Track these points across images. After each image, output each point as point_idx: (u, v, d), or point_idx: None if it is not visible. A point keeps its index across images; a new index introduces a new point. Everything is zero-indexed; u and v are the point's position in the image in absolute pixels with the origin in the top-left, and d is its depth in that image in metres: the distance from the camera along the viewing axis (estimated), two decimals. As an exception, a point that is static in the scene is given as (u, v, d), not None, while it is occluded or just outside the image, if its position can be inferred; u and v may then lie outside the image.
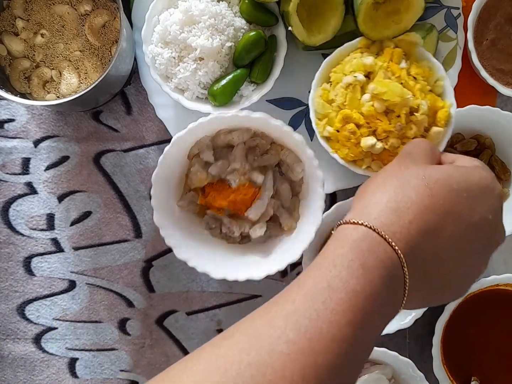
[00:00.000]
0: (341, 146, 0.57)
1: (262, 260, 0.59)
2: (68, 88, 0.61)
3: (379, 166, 0.56)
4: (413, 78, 0.55)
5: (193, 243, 0.59)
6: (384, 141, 0.55)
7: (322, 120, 0.58)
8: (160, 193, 0.57)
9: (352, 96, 0.55)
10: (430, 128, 0.56)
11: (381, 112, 0.54)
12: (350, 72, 0.56)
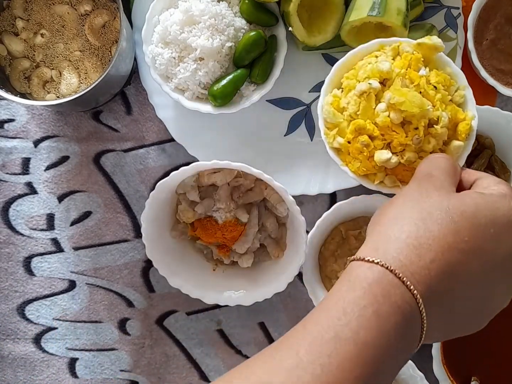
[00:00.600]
0: (352, 159, 0.52)
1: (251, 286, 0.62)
2: (68, 88, 0.61)
3: (393, 182, 0.52)
4: (433, 87, 0.50)
5: (185, 270, 0.62)
6: (399, 155, 0.50)
7: (332, 129, 0.53)
8: (151, 229, 0.59)
9: (366, 105, 0.50)
10: (450, 142, 0.51)
11: (397, 123, 0.49)
12: (364, 78, 0.51)
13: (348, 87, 0.52)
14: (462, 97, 0.52)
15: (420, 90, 0.50)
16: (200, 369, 0.67)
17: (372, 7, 0.57)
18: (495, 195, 0.40)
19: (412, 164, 0.50)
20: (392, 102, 0.48)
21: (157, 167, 0.67)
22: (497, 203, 0.39)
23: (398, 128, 0.49)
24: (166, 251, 0.61)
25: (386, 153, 0.50)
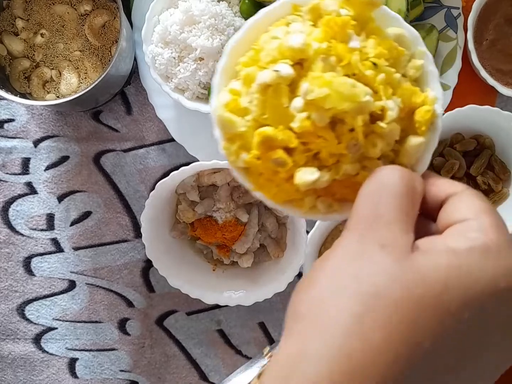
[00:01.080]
0: (266, 182, 0.36)
1: (251, 286, 0.61)
2: (68, 88, 0.61)
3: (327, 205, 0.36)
4: (372, 64, 0.34)
5: (185, 270, 0.61)
6: (333, 169, 0.34)
7: (233, 142, 0.36)
8: (151, 229, 0.59)
9: (275, 103, 0.34)
10: (406, 139, 0.35)
11: (323, 126, 0.33)
12: (269, 62, 0.34)
13: (248, 78, 0.35)
14: (418, 70, 0.36)
15: (352, 72, 0.34)
16: (200, 369, 0.67)
17: (372, 7, 0.56)
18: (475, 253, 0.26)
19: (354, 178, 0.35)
20: (310, 97, 0.32)
21: (157, 167, 0.67)
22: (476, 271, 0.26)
23: (326, 132, 0.34)
24: (166, 251, 0.61)
25: (310, 172, 0.34)
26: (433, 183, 0.32)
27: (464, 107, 0.60)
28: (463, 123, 0.62)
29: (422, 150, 0.35)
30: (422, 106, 0.35)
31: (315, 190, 0.35)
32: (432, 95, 0.35)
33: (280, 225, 0.63)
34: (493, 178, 0.63)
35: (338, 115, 0.33)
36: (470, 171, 0.63)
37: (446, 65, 0.63)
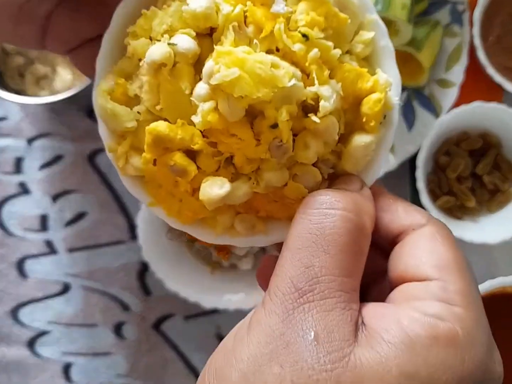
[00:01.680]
0: (166, 194, 0.28)
1: (250, 289, 0.59)
2: (63, 85, 0.60)
3: (249, 225, 0.28)
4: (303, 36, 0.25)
5: (183, 273, 0.60)
6: (252, 178, 0.27)
7: (121, 141, 0.29)
8: (148, 230, 0.58)
9: (171, 89, 0.25)
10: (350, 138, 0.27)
11: (237, 120, 0.25)
12: (163, 32, 0.26)
13: (136, 55, 0.27)
14: (368, 45, 0.28)
15: (274, 45, 0.25)
16: (198, 374, 0.65)
17: (376, 2, 0.56)
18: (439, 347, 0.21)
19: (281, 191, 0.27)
20: (217, 80, 0.23)
21: (154, 166, 0.66)
22: (437, 375, 0.20)
23: (241, 130, 0.25)
24: (163, 253, 0.61)
25: (219, 185, 0.26)
26: (386, 208, 0.26)
27: (470, 104, 0.59)
28: (469, 120, 0.61)
29: (372, 152, 0.27)
30: (371, 94, 0.26)
31: (231, 206, 0.27)
32: (383, 79, 0.26)
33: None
34: (500, 177, 0.62)
35: (256, 105, 0.24)
36: (476, 170, 0.62)
37: (452, 62, 0.62)
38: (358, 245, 0.24)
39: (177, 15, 0.25)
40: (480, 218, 0.63)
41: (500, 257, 0.64)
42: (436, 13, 0.63)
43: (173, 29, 0.26)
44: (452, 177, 0.61)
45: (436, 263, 0.23)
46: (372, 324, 0.22)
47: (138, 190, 0.29)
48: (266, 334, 0.22)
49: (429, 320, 0.21)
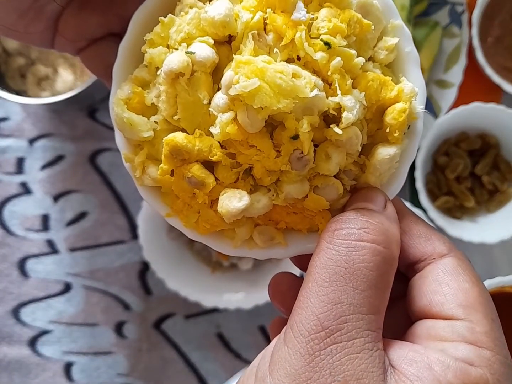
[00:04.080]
0: (184, 205, 0.28)
1: (251, 288, 0.59)
2: (64, 86, 0.60)
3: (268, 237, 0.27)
4: (325, 44, 0.24)
5: (183, 273, 0.60)
6: (272, 190, 0.26)
7: (139, 150, 0.27)
8: (148, 230, 0.58)
9: (189, 99, 0.25)
10: (374, 149, 0.26)
11: (256, 132, 0.24)
12: (181, 41, 0.25)
13: (154, 63, 0.26)
14: (392, 52, 0.26)
15: (295, 55, 0.24)
16: (198, 373, 0.66)
17: (375, 3, 0.56)
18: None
19: (301, 203, 0.26)
20: (234, 92, 0.23)
21: (155, 167, 0.66)
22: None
23: (261, 141, 0.24)
24: (163, 253, 0.60)
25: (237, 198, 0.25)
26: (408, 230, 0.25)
27: (469, 105, 0.59)
28: (468, 121, 0.61)
29: (396, 164, 0.26)
30: (396, 103, 0.25)
31: (250, 218, 0.26)
32: (409, 88, 0.25)
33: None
34: (499, 177, 0.62)
35: (276, 116, 0.23)
36: (475, 171, 0.62)
37: (451, 62, 0.62)
38: (386, 279, 0.23)
39: (195, 22, 0.24)
40: (479, 218, 0.63)
41: (499, 256, 0.64)
42: (435, 14, 0.63)
43: (191, 37, 0.25)
44: (451, 177, 0.61)
45: (462, 302, 0.23)
46: (402, 369, 0.21)
47: (155, 200, 0.27)
48: (291, 377, 0.20)
49: (460, 366, 0.21)
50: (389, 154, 0.25)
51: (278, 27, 0.24)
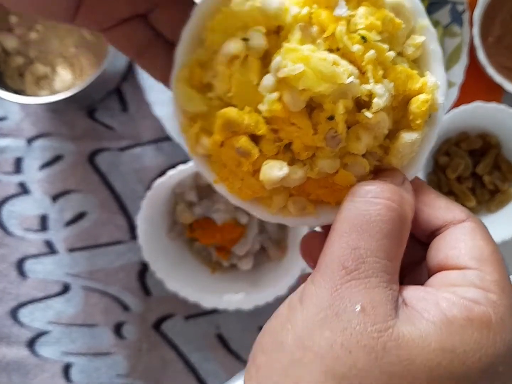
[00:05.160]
0: (230, 173, 0.31)
1: (251, 289, 0.60)
2: (63, 85, 0.60)
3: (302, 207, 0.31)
4: (362, 38, 0.28)
5: (183, 273, 0.60)
6: (307, 164, 0.29)
7: (193, 123, 0.31)
8: (148, 230, 0.58)
9: (242, 80, 0.28)
10: (398, 134, 0.30)
11: (298, 111, 0.28)
12: (238, 29, 0.29)
13: (213, 47, 0.30)
14: (419, 49, 0.30)
15: (336, 45, 0.28)
16: (198, 374, 0.66)
17: (376, 2, 0.56)
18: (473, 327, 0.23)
19: (331, 177, 0.30)
20: (283, 74, 0.27)
21: (154, 166, 0.66)
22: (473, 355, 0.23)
23: (301, 119, 0.28)
24: (163, 253, 0.60)
25: (278, 167, 0.29)
26: (428, 202, 0.28)
27: (470, 104, 0.60)
28: (469, 121, 0.61)
29: (417, 149, 0.30)
30: (419, 94, 0.29)
31: (286, 188, 0.30)
32: (432, 81, 0.29)
33: (281, 226, 0.61)
34: (500, 177, 0.62)
35: (316, 98, 0.27)
36: (476, 171, 0.62)
37: (452, 62, 0.62)
38: (400, 233, 0.26)
39: (251, 14, 0.28)
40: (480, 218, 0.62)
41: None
42: (436, 13, 0.63)
43: (246, 26, 0.29)
44: (452, 177, 0.61)
45: (475, 255, 0.26)
46: (413, 304, 0.24)
47: (205, 168, 0.31)
48: (317, 304, 0.24)
49: (465, 303, 0.24)
50: (411, 139, 0.29)
51: (322, 21, 0.28)
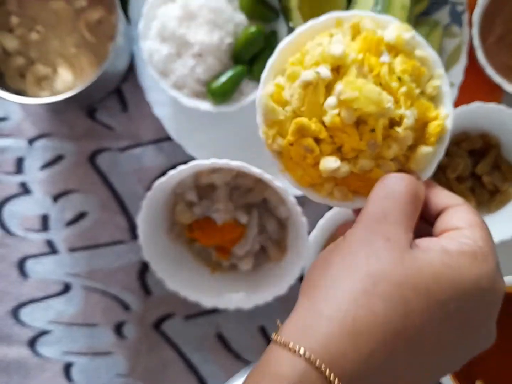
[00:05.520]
0: (295, 165, 0.42)
1: (251, 289, 0.60)
2: (64, 85, 0.60)
3: (344, 194, 0.43)
4: (398, 78, 0.41)
5: (183, 273, 0.61)
6: (352, 162, 0.41)
7: (272, 128, 0.43)
8: (148, 230, 0.58)
9: (313, 99, 0.40)
10: (417, 147, 0.41)
11: (350, 124, 0.40)
12: (312, 65, 0.41)
13: (293, 76, 0.42)
14: (435, 89, 0.43)
15: (380, 81, 0.40)
16: (198, 374, 0.66)
17: (376, 2, 0.56)
18: (465, 256, 0.32)
19: (368, 174, 0.41)
20: (343, 97, 0.39)
21: (154, 167, 0.66)
22: (463, 270, 0.32)
23: (351, 130, 0.40)
24: (163, 253, 0.60)
25: (333, 161, 0.40)
26: (435, 193, 0.38)
27: (470, 104, 0.60)
28: (468, 121, 0.61)
29: (430, 159, 0.41)
30: (435, 121, 0.41)
31: (334, 179, 0.42)
32: (444, 112, 0.41)
33: (281, 226, 0.62)
34: (499, 177, 0.63)
35: (363, 116, 0.39)
36: (475, 171, 0.62)
37: (451, 62, 0.62)
38: (415, 204, 0.35)
39: (322, 55, 0.40)
40: (480, 218, 0.63)
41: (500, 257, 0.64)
42: (435, 13, 0.63)
43: (317, 63, 0.41)
44: (452, 177, 0.62)
45: (468, 222, 0.34)
46: (421, 244, 0.33)
47: (276, 160, 0.43)
48: (355, 238, 0.34)
49: (459, 243, 0.33)
50: (426, 152, 0.41)
51: (371, 64, 0.40)
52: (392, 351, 0.30)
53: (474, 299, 0.32)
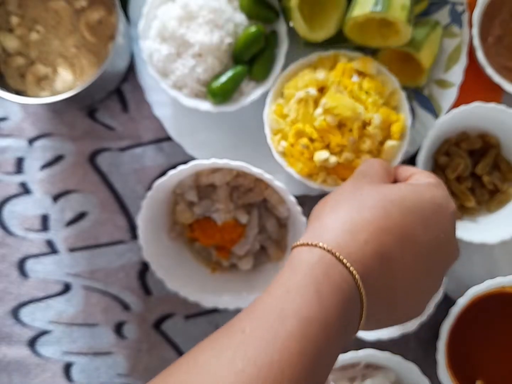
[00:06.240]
0: (296, 160, 0.57)
1: (250, 289, 0.61)
2: (64, 86, 0.60)
3: (334, 180, 0.57)
4: (366, 92, 0.56)
5: (183, 273, 0.61)
6: (338, 155, 0.55)
7: (276, 135, 0.58)
8: (148, 230, 0.58)
9: (305, 110, 0.56)
10: (385, 142, 0.56)
11: (333, 126, 0.54)
12: (303, 87, 0.56)
13: (289, 96, 0.57)
14: (396, 101, 0.58)
15: (352, 95, 0.56)
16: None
17: (376, 2, 0.56)
18: (422, 185, 0.45)
19: (351, 164, 0.55)
20: (327, 107, 0.54)
21: (154, 167, 0.66)
22: (421, 192, 0.44)
23: (335, 130, 0.55)
24: (163, 253, 0.60)
25: (324, 153, 0.55)
26: (403, 168, 0.50)
27: (470, 104, 0.60)
28: (468, 121, 0.61)
29: (396, 150, 0.57)
30: (396, 122, 0.57)
31: (326, 169, 0.57)
32: (403, 116, 0.58)
33: (281, 226, 0.62)
34: (499, 177, 0.62)
35: (343, 120, 0.55)
36: (475, 171, 0.62)
37: (451, 62, 0.62)
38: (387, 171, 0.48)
39: (310, 80, 0.57)
40: (480, 218, 0.63)
41: (500, 257, 0.65)
42: (435, 13, 0.63)
43: (307, 85, 0.57)
44: (452, 177, 0.61)
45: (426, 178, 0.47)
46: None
47: (281, 159, 0.58)
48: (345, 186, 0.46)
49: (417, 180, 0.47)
50: (392, 145, 0.57)
51: (346, 83, 0.56)
52: (381, 240, 0.40)
53: (432, 211, 0.43)
